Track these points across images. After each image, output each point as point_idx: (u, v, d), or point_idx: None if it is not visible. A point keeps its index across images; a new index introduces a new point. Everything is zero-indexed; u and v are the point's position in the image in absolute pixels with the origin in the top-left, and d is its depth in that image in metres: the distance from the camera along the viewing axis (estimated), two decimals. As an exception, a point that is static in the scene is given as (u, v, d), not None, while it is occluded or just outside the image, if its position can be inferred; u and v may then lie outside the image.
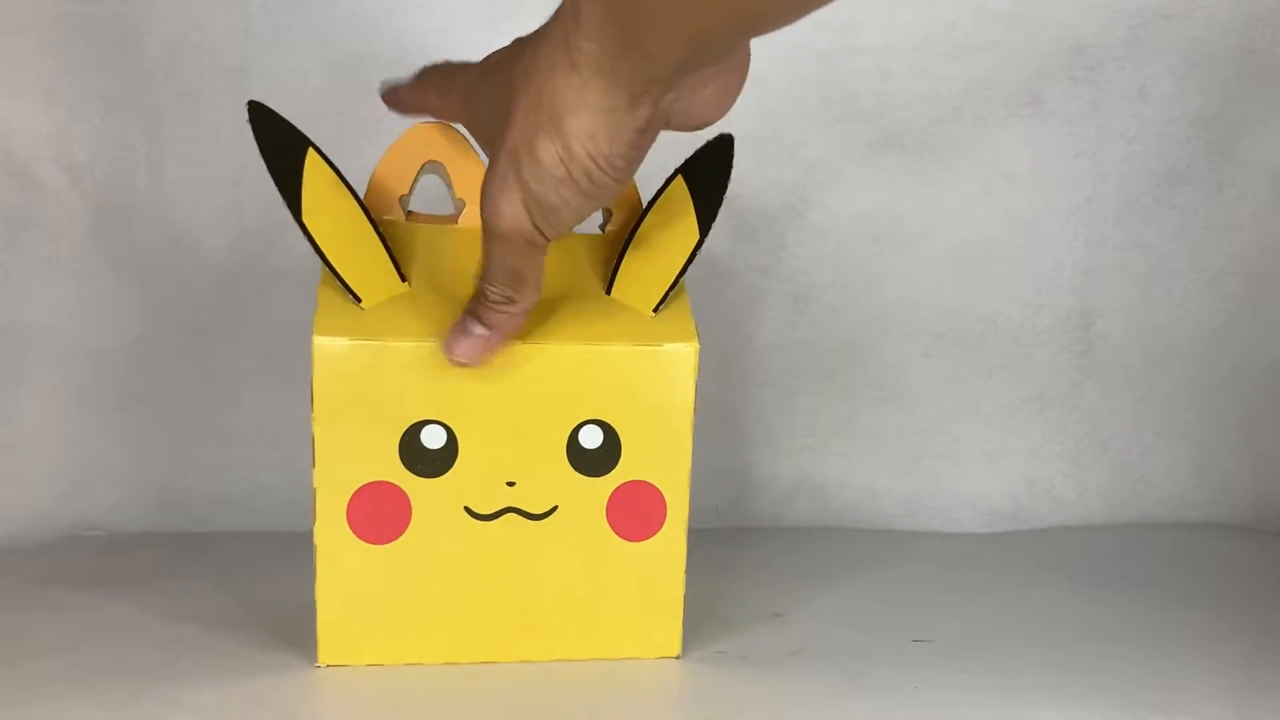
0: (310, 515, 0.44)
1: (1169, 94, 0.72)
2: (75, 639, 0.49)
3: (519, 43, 0.41)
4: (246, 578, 0.59)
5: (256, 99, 0.67)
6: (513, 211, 0.40)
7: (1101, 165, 0.72)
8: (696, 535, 0.48)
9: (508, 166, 0.39)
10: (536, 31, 0.40)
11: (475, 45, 0.69)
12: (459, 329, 0.44)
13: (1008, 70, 0.68)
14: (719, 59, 0.38)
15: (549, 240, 0.41)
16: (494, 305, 0.43)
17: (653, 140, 0.40)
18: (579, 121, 0.37)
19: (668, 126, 0.40)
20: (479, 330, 0.43)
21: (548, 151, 0.38)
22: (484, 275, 0.43)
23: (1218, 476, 0.75)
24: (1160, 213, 0.74)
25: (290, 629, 0.49)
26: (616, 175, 0.39)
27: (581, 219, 0.41)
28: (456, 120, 0.47)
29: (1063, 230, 0.73)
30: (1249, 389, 0.75)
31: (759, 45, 0.70)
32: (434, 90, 0.47)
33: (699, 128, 0.42)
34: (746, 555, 0.65)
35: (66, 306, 0.69)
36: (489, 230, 0.41)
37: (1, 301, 0.68)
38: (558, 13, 0.38)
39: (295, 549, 0.56)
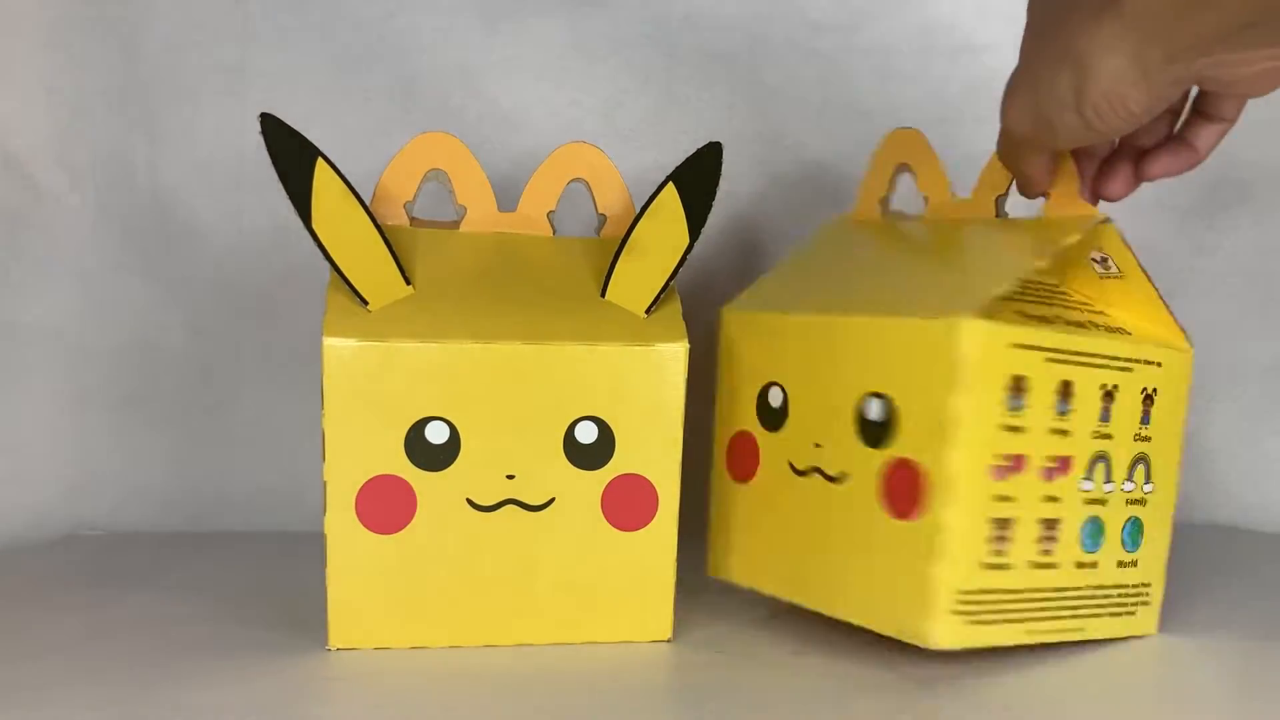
0: (311, 514, 0.46)
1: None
2: (75, 639, 0.51)
3: None
4: (247, 578, 0.61)
5: (256, 99, 0.70)
6: (1017, 115, 0.45)
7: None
8: (697, 535, 0.51)
9: (1023, 78, 0.44)
10: None
11: (475, 45, 0.73)
12: None
13: (1008, 70, 0.72)
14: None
15: (1049, 150, 0.46)
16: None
17: (1178, 95, 0.42)
18: (1104, 65, 0.40)
19: (1199, 84, 0.42)
20: None
21: (1064, 82, 0.42)
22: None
23: (1218, 476, 0.77)
24: (1160, 212, 0.76)
25: (291, 628, 0.51)
26: (1128, 118, 0.42)
27: (1081, 144, 0.45)
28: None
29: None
30: (1249, 389, 0.77)
31: (759, 48, 0.75)
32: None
33: (1235, 96, 0.44)
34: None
35: (66, 306, 0.72)
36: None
37: (1, 301, 0.70)
38: None
39: (296, 548, 0.58)
